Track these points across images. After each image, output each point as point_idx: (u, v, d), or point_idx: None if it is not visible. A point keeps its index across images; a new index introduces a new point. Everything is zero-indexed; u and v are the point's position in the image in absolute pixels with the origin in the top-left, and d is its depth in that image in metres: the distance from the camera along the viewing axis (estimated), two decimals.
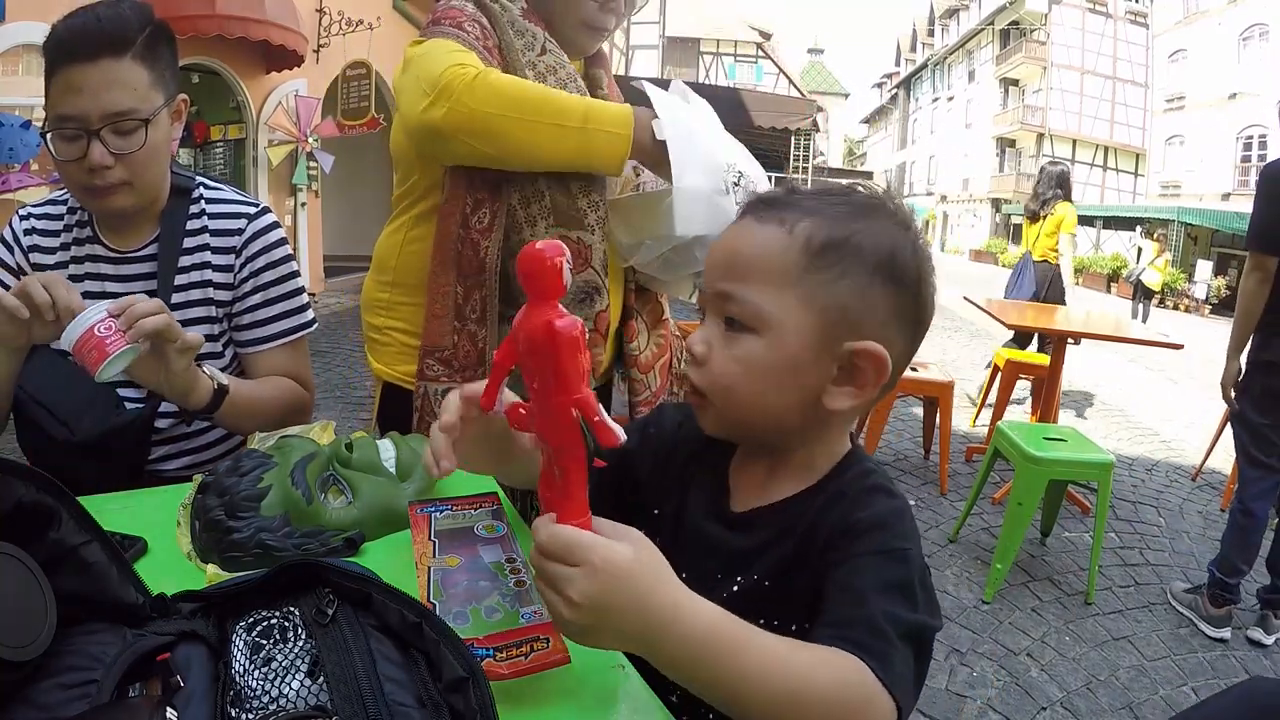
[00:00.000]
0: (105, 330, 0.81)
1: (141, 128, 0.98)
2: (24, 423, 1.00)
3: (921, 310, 0.64)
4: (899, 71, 46.58)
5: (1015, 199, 27.50)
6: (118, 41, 0.94)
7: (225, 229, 1.12)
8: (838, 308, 0.60)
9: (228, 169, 7.35)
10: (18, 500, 0.48)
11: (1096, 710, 1.98)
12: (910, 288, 0.62)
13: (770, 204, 0.64)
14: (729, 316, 0.62)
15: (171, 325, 0.87)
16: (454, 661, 0.47)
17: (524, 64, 1.07)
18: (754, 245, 0.62)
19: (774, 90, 26.99)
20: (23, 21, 4.31)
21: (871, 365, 0.60)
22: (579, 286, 1.05)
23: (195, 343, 0.91)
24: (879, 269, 0.61)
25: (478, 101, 0.94)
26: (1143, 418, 5.30)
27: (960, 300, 4.47)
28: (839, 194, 0.65)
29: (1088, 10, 26.45)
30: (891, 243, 0.62)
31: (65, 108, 0.94)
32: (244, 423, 1.05)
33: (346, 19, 7.47)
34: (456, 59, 0.96)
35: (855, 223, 0.61)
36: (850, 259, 0.60)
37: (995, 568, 2.51)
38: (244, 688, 0.47)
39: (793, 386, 0.61)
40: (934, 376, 3.48)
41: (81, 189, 1.00)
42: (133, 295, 0.88)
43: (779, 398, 0.62)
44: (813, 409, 0.62)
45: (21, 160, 4.29)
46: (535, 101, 0.96)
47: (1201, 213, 16.02)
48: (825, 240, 0.60)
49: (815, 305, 0.60)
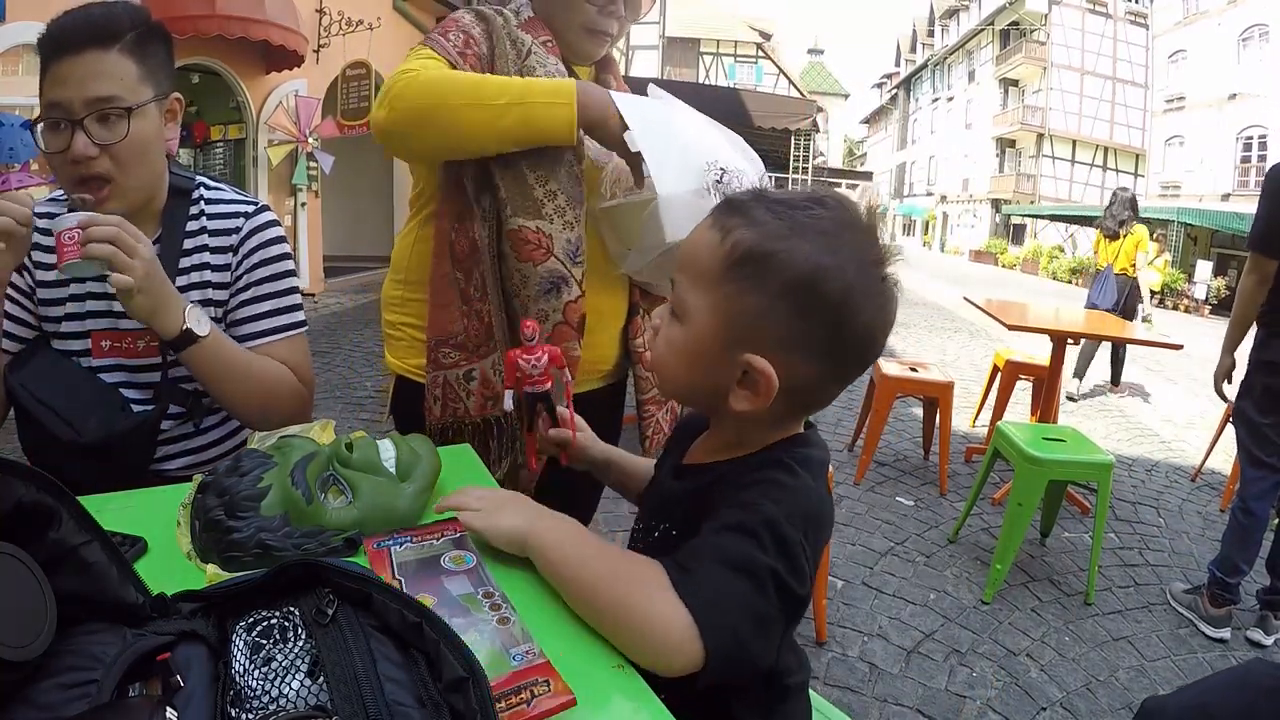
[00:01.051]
0: (69, 240, 0.90)
1: (125, 117, 0.97)
2: (27, 422, 1.00)
3: (840, 344, 0.64)
4: (899, 72, 46.58)
5: (1015, 199, 27.53)
6: (104, 34, 0.95)
7: (223, 228, 1.12)
8: (740, 319, 0.64)
9: (228, 169, 7.35)
10: (18, 500, 0.48)
11: (1096, 710, 1.98)
12: (824, 317, 0.62)
13: (731, 208, 0.67)
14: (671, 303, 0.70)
15: (114, 256, 0.90)
16: (454, 661, 0.47)
17: (512, 73, 1.09)
18: (697, 244, 0.67)
19: (774, 91, 26.99)
20: (23, 21, 4.32)
21: (762, 380, 0.64)
22: (543, 278, 1.06)
23: (122, 285, 0.91)
24: (789, 290, 0.62)
25: (414, 97, 0.99)
26: (1143, 418, 5.30)
27: (960, 300, 4.48)
28: (798, 208, 0.65)
29: (1088, 11, 26.45)
30: (814, 268, 0.61)
31: (52, 96, 0.95)
32: (225, 386, 1.04)
33: (346, 19, 7.48)
34: (409, 65, 1.03)
35: (787, 241, 0.62)
36: (764, 276, 0.62)
37: (995, 568, 2.51)
38: (244, 688, 0.47)
39: (702, 376, 0.67)
40: (934, 377, 3.48)
41: (71, 182, 0.99)
42: (114, 218, 0.92)
43: (692, 384, 0.70)
44: (722, 400, 0.67)
45: (21, 160, 4.29)
46: (468, 86, 1.00)
47: (1201, 213, 16.01)
48: (746, 253, 0.63)
49: (722, 312, 0.64)
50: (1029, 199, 27.22)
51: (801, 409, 0.69)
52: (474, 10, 1.14)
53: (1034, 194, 27.36)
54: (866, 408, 3.72)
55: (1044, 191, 27.26)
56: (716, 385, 0.66)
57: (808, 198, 0.67)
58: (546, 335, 1.07)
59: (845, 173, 28.75)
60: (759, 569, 0.59)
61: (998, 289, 15.41)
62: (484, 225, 1.08)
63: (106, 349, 1.07)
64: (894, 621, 2.33)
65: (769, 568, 0.59)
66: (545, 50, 1.12)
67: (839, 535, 2.88)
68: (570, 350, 1.09)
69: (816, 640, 2.18)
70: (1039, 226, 26.73)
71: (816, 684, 1.99)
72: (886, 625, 2.31)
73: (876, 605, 2.42)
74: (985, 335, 8.53)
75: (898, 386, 3.46)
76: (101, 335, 1.07)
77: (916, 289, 14.19)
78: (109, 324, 1.07)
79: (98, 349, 1.07)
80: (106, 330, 1.07)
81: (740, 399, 0.66)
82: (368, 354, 5.65)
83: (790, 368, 0.63)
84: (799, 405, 0.68)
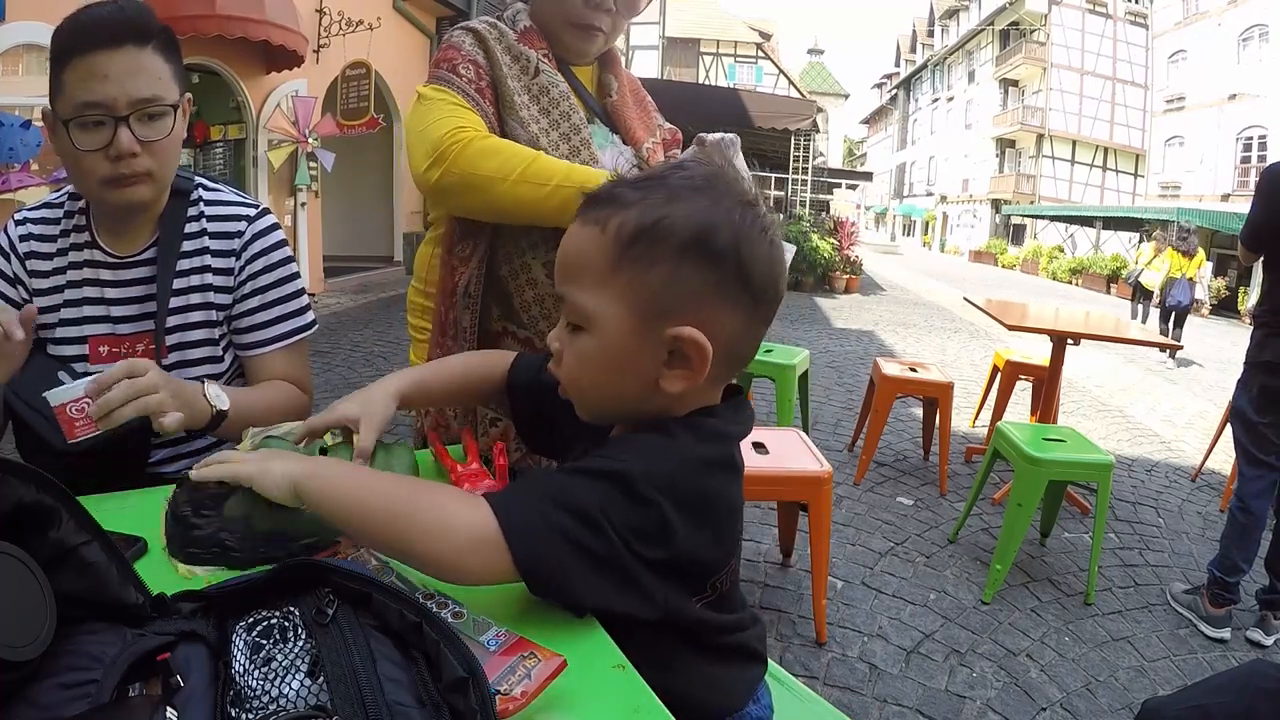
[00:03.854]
0: (76, 412, 0.83)
1: (170, 114, 0.98)
2: (21, 428, 0.99)
3: (750, 281, 0.64)
4: (899, 72, 46.59)
5: (1015, 199, 27.52)
6: (142, 30, 0.94)
7: (225, 231, 1.11)
8: (650, 296, 0.62)
9: (228, 169, 7.35)
10: (18, 500, 0.48)
11: (1096, 711, 1.98)
12: (728, 260, 0.62)
13: (594, 203, 0.66)
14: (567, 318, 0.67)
15: (144, 408, 0.86)
16: (454, 661, 0.47)
17: (517, 89, 1.12)
18: (576, 248, 0.66)
19: (774, 91, 26.98)
20: (23, 21, 4.31)
21: (693, 349, 0.62)
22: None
23: (171, 429, 0.89)
24: (687, 249, 0.62)
25: (467, 165, 1.03)
26: (1143, 418, 5.30)
27: (960, 300, 4.49)
28: (662, 178, 0.66)
29: (1088, 11, 26.45)
30: (703, 221, 0.62)
31: (89, 95, 0.92)
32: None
33: (346, 19, 7.48)
34: (456, 122, 1.05)
35: (666, 208, 0.63)
36: (659, 245, 0.62)
37: (995, 568, 2.51)
38: (244, 688, 0.47)
39: (627, 376, 0.65)
40: (934, 377, 3.48)
41: (103, 181, 0.97)
42: (115, 370, 0.86)
43: (619, 388, 0.66)
44: (654, 393, 0.65)
45: (21, 160, 4.29)
46: (520, 163, 1.03)
47: (1201, 214, 15.99)
48: (633, 232, 0.62)
49: (628, 297, 0.63)
50: (1029, 199, 27.23)
51: (731, 367, 0.67)
52: (467, 29, 1.15)
53: (1034, 194, 27.37)
54: (866, 408, 3.72)
55: (1044, 192, 27.27)
56: (644, 378, 0.64)
57: (666, 167, 0.68)
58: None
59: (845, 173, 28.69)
60: (587, 509, 0.58)
61: (998, 289, 15.42)
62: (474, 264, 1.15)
63: (105, 354, 1.06)
64: (894, 622, 2.33)
65: (599, 515, 0.58)
66: (549, 64, 1.15)
67: (839, 535, 2.88)
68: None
69: (816, 640, 2.18)
70: (1039, 227, 26.73)
71: (816, 684, 1.99)
72: (886, 625, 2.31)
73: (876, 605, 2.42)
74: (985, 335, 8.53)
75: (898, 387, 3.46)
76: (99, 340, 1.06)
77: (916, 289, 14.19)
78: (107, 329, 1.07)
79: (95, 354, 1.06)
80: (104, 335, 1.06)
81: (674, 379, 0.64)
82: (368, 354, 5.64)
83: (714, 324, 0.63)
84: (731, 361, 0.66)
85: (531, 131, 1.11)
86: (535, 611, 0.64)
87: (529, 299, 1.15)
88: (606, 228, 0.63)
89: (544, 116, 1.14)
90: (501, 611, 0.61)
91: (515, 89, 1.12)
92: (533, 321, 1.16)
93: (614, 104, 1.26)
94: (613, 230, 0.63)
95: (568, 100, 1.15)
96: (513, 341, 1.18)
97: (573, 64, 1.24)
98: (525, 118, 1.11)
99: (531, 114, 1.13)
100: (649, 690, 0.56)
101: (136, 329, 1.07)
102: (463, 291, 1.15)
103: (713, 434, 0.66)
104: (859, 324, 8.90)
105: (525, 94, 1.13)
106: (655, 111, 1.36)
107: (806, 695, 1.06)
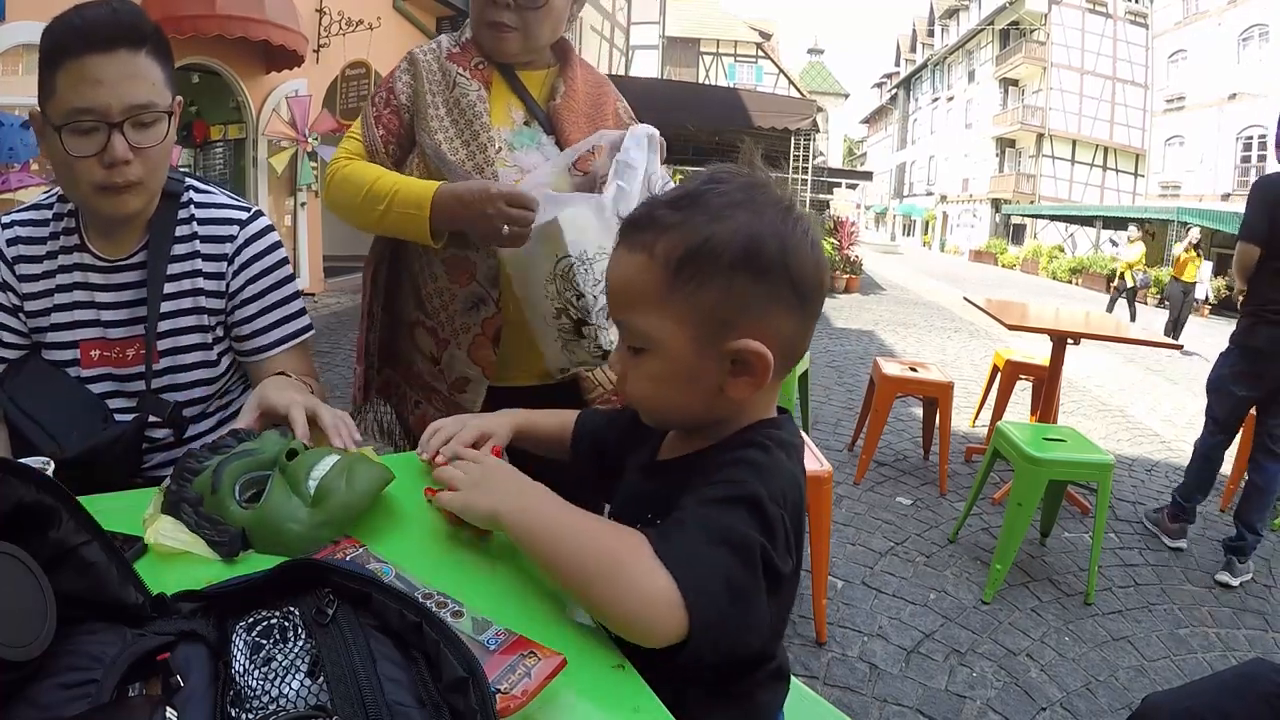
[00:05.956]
0: None
1: (163, 120, 0.97)
2: (16, 436, 0.99)
3: (799, 285, 0.66)
4: (899, 72, 46.57)
5: (1015, 199, 27.52)
6: (134, 34, 0.92)
7: (216, 235, 1.09)
8: (706, 314, 0.64)
9: (227, 169, 7.35)
10: (18, 500, 0.48)
11: (1096, 710, 1.98)
12: (778, 271, 0.64)
13: (634, 226, 0.68)
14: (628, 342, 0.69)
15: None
16: (454, 661, 0.47)
17: (436, 102, 1.21)
18: (624, 275, 0.68)
19: (774, 90, 26.98)
20: (23, 21, 4.31)
21: (755, 359, 0.65)
22: (466, 297, 1.24)
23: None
24: (737, 265, 0.63)
25: (330, 192, 1.25)
26: (1143, 418, 5.30)
27: (960, 300, 4.49)
28: (699, 195, 0.66)
29: (1088, 10, 26.45)
30: (748, 235, 0.64)
31: (82, 100, 0.90)
32: None
33: (346, 19, 7.47)
34: (340, 153, 1.25)
35: (710, 227, 0.64)
36: (709, 265, 0.63)
37: (995, 568, 2.51)
38: (244, 688, 0.47)
39: (693, 390, 0.67)
40: (934, 377, 3.48)
41: (95, 188, 0.95)
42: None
43: (685, 401, 0.69)
44: (720, 400, 0.67)
45: (21, 160, 4.29)
46: (358, 190, 1.18)
47: (1201, 213, 16.00)
48: (682, 255, 0.64)
49: (686, 318, 0.65)
50: (1029, 199, 27.22)
51: (789, 364, 0.69)
52: (409, 56, 1.26)
53: (1034, 194, 27.36)
54: (866, 408, 3.72)
55: (1044, 191, 27.26)
56: (709, 389, 0.67)
57: (701, 181, 0.68)
58: (469, 345, 1.25)
59: (845, 172, 28.69)
60: (744, 541, 0.59)
61: (998, 289, 15.41)
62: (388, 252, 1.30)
63: (96, 359, 1.05)
64: (894, 621, 2.33)
65: (755, 541, 0.59)
66: (470, 76, 1.22)
67: (839, 535, 2.88)
68: (487, 357, 1.25)
69: (816, 640, 2.18)
70: (1039, 226, 26.73)
71: (816, 684, 1.99)
72: (886, 625, 2.31)
73: (876, 605, 2.42)
74: (985, 335, 8.53)
75: (898, 386, 3.46)
76: (90, 345, 1.05)
77: (916, 289, 14.19)
78: (98, 334, 1.05)
79: (87, 359, 1.05)
80: (95, 340, 1.05)
81: (740, 387, 0.66)
82: None
83: (770, 330, 0.65)
84: (789, 359, 0.68)
85: (436, 139, 1.18)
86: (535, 611, 0.64)
87: (431, 291, 1.26)
88: (654, 253, 0.65)
89: (453, 125, 1.20)
90: (501, 611, 0.61)
91: (433, 103, 1.21)
92: (435, 312, 1.26)
93: (556, 107, 1.26)
94: (661, 255, 0.64)
95: (476, 108, 1.20)
96: (423, 331, 1.29)
97: (518, 69, 1.27)
98: (434, 127, 1.19)
99: (442, 124, 1.20)
100: (649, 690, 0.56)
101: (128, 333, 1.06)
102: (373, 281, 1.31)
103: (791, 448, 0.69)
104: (859, 324, 8.90)
105: (443, 106, 1.21)
106: (620, 113, 1.36)
107: (807, 695, 1.06)
